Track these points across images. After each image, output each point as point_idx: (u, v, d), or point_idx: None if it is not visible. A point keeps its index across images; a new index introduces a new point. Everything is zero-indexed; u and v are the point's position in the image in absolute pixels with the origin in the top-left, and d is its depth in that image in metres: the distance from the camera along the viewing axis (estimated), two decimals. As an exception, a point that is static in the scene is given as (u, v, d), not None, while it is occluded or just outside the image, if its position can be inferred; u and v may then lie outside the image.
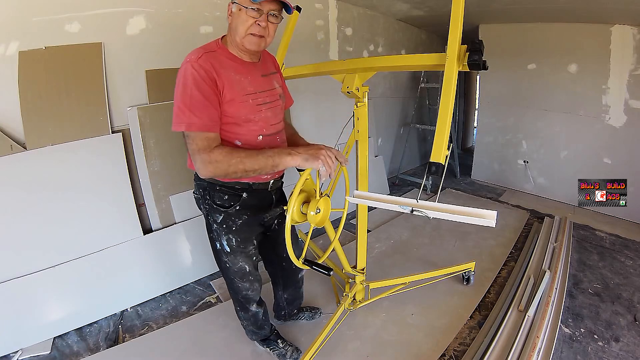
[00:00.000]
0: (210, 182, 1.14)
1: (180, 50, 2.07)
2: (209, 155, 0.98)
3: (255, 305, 1.41)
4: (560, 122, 3.33)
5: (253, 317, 1.44)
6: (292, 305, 1.67)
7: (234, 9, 1.03)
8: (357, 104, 1.43)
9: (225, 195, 1.15)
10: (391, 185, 3.76)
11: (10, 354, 1.52)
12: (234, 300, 1.43)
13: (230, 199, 1.16)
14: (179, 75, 1.01)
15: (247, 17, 1.01)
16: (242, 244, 1.22)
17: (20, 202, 1.59)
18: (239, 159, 0.99)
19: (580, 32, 3.02)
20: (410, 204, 0.97)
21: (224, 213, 1.16)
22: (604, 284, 2.06)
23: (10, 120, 1.59)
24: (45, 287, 1.63)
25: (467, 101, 5.87)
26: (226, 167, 0.98)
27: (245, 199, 1.16)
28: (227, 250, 1.22)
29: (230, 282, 1.32)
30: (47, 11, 1.62)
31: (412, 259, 2.34)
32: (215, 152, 0.99)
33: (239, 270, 1.27)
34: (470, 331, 1.69)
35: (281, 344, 1.53)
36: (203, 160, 0.98)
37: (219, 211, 1.16)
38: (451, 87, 0.96)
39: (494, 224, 0.86)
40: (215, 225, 1.19)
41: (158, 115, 1.97)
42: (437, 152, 0.93)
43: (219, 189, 1.15)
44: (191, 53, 1.05)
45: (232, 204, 1.16)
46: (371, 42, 3.53)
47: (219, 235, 1.21)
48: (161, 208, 2.04)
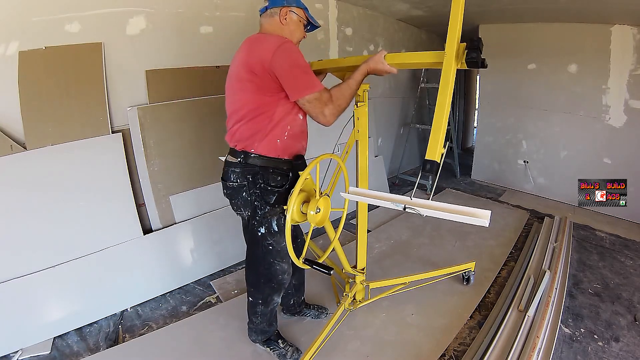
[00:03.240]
0: (262, 167, 1.23)
1: (180, 50, 2.10)
2: (333, 103, 1.17)
3: (280, 295, 1.45)
4: (560, 122, 3.33)
5: (271, 311, 1.47)
6: (299, 292, 1.70)
7: (294, 17, 1.27)
8: (357, 104, 1.43)
9: (278, 177, 1.24)
10: (391, 185, 3.76)
11: (10, 354, 1.52)
12: (261, 292, 1.41)
13: (282, 179, 1.25)
14: (287, 51, 1.12)
15: (302, 30, 1.32)
16: None
17: (20, 202, 1.59)
18: (341, 94, 1.20)
19: (580, 32, 3.02)
20: (403, 202, 0.97)
21: (277, 193, 1.24)
22: (604, 284, 2.06)
23: (10, 120, 1.59)
24: (45, 287, 1.63)
25: (467, 101, 5.87)
26: (344, 106, 1.21)
27: (292, 179, 1.26)
28: (275, 229, 1.28)
29: (269, 267, 1.35)
30: (47, 11, 1.62)
31: (412, 259, 2.34)
32: (332, 100, 1.17)
33: (281, 250, 1.32)
34: (470, 331, 1.69)
35: (282, 344, 1.53)
36: (332, 112, 1.17)
37: (272, 192, 1.24)
38: (449, 84, 0.97)
39: (487, 223, 0.85)
40: (268, 207, 1.25)
41: (158, 115, 1.97)
42: (433, 150, 0.93)
43: (272, 171, 1.24)
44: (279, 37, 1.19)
45: (284, 183, 1.25)
46: (371, 42, 3.53)
47: (271, 217, 1.27)
48: (161, 208, 2.04)
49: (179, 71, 2.05)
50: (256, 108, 1.17)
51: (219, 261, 2.20)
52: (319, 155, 1.20)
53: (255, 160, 1.22)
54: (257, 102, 1.17)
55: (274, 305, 1.46)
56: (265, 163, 1.22)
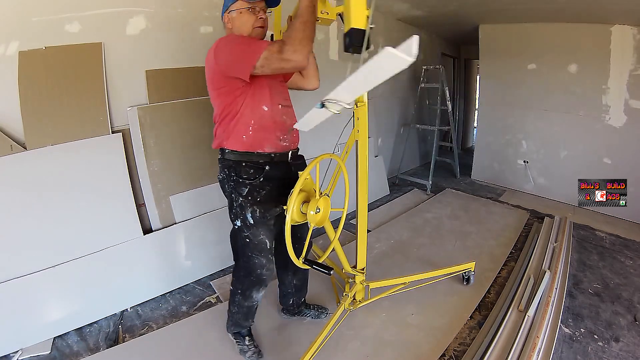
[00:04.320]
0: (235, 160, 1.27)
1: (179, 50, 2.10)
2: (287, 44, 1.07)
3: (260, 293, 1.45)
4: (560, 122, 3.33)
5: (249, 307, 1.47)
6: (301, 292, 1.70)
7: (232, 15, 1.26)
8: (357, 104, 1.43)
9: (251, 169, 1.27)
10: (391, 185, 3.76)
11: (10, 354, 1.52)
12: (241, 282, 1.44)
13: (255, 172, 1.28)
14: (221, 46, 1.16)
15: (248, 16, 1.24)
16: (264, 216, 1.30)
17: (20, 202, 1.59)
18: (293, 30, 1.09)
19: (580, 32, 3.03)
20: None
21: (250, 185, 1.28)
22: (604, 284, 2.06)
23: (10, 120, 1.59)
24: (45, 287, 1.63)
25: (467, 101, 5.87)
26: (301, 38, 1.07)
27: (267, 171, 1.28)
28: (250, 222, 1.30)
29: (248, 260, 1.37)
30: (47, 11, 1.61)
31: (412, 259, 2.34)
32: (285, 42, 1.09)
33: (259, 243, 1.33)
34: (470, 331, 1.69)
35: (248, 341, 1.53)
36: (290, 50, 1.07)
37: (244, 184, 1.28)
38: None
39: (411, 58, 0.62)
40: (241, 199, 1.29)
41: (158, 115, 1.97)
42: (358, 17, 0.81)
43: (245, 165, 1.27)
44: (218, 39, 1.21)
45: (257, 176, 1.28)
46: (371, 42, 3.53)
47: (244, 209, 1.29)
48: (161, 208, 2.04)
49: (179, 71, 2.05)
50: (222, 112, 1.26)
51: (219, 261, 2.20)
52: (319, 155, 1.20)
53: (229, 155, 1.29)
54: (221, 106, 1.25)
55: (252, 302, 1.46)
56: (238, 157, 1.27)
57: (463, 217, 2.96)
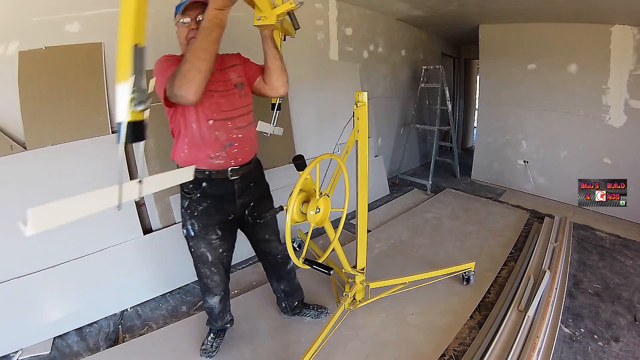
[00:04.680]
0: None
1: (180, 51, 2.09)
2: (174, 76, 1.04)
3: (213, 299, 1.48)
4: (560, 122, 3.33)
5: (209, 310, 1.53)
6: (292, 297, 1.71)
7: (177, 29, 1.27)
8: (357, 104, 1.43)
9: (190, 184, 1.30)
10: (391, 185, 3.76)
11: (10, 354, 1.52)
12: (199, 284, 1.51)
13: (194, 187, 1.30)
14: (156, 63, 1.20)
15: (183, 29, 1.24)
16: (202, 230, 1.34)
17: (20, 202, 1.59)
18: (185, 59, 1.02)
19: (580, 32, 3.03)
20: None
21: (189, 199, 1.32)
22: (604, 284, 2.06)
23: (10, 120, 1.59)
24: (45, 287, 1.63)
25: (467, 101, 5.87)
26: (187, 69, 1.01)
27: (204, 188, 1.30)
28: (191, 234, 1.36)
29: (195, 267, 1.44)
30: (47, 11, 1.62)
31: (412, 259, 2.34)
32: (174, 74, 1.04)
33: (200, 255, 1.38)
34: (470, 331, 1.69)
35: (211, 339, 1.57)
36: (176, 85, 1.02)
37: (185, 197, 1.33)
38: None
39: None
40: (183, 210, 1.35)
41: (158, 115, 1.96)
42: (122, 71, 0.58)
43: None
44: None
45: (194, 191, 1.31)
46: (371, 42, 3.53)
47: (186, 220, 1.35)
48: (161, 208, 2.04)
49: (179, 71, 2.05)
50: (170, 127, 1.31)
51: (219, 261, 2.20)
52: (319, 155, 1.20)
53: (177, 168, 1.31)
54: (170, 122, 1.30)
55: (208, 305, 1.50)
56: None
57: (463, 217, 2.97)
